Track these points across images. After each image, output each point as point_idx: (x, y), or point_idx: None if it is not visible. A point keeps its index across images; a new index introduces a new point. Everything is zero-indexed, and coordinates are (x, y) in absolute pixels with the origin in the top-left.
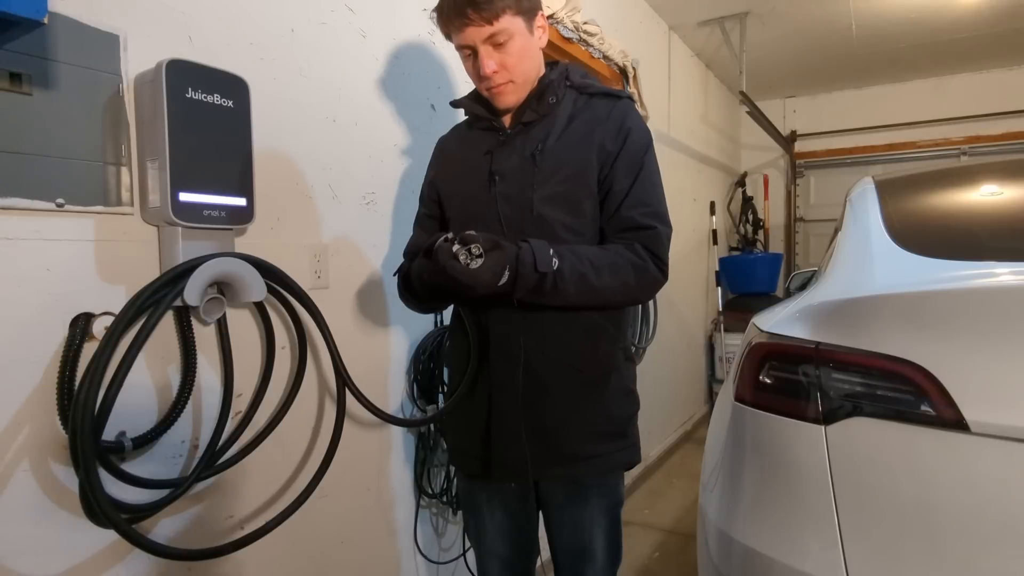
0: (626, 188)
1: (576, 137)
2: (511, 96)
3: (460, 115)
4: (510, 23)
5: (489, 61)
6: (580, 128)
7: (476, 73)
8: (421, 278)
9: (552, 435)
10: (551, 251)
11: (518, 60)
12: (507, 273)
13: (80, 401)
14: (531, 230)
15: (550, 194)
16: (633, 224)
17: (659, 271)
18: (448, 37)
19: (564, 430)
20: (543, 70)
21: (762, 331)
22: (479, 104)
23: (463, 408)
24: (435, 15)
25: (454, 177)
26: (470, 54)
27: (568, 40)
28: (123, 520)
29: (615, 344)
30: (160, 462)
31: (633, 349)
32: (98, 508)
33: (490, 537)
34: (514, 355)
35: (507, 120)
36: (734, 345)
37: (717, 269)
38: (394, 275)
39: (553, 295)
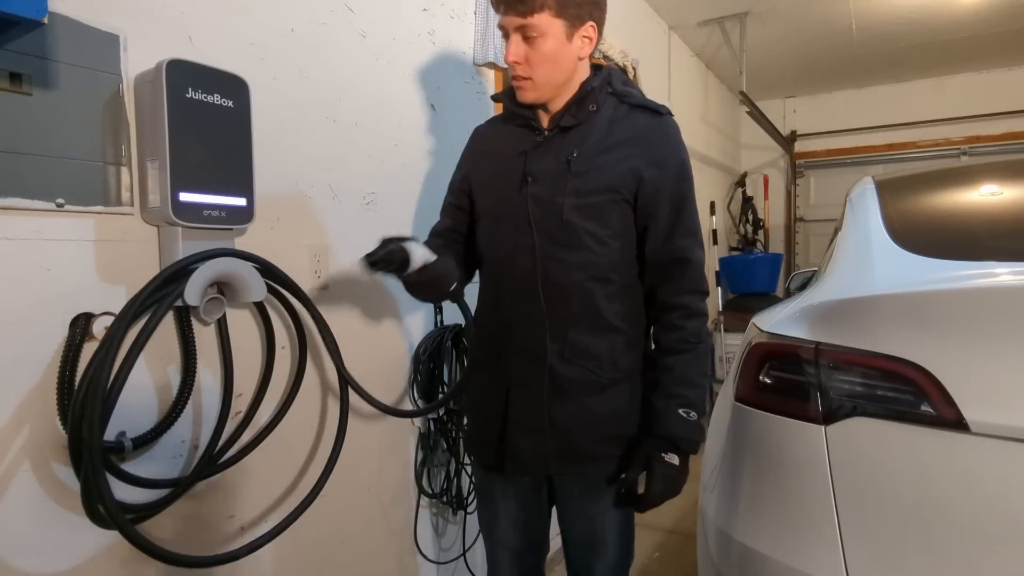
0: (670, 218)
1: (613, 147)
2: (529, 93)
3: (460, 116)
4: (545, 22)
5: (515, 51)
6: (618, 139)
7: (505, 57)
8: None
9: (566, 435)
10: (690, 415)
11: (542, 61)
12: (677, 459)
13: (80, 403)
14: (559, 235)
15: (581, 202)
16: (673, 258)
17: (702, 301)
18: (496, 10)
19: (579, 431)
20: (584, 75)
21: (762, 331)
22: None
23: (481, 399)
24: None
25: (487, 172)
26: (504, 36)
27: None
28: (132, 527)
29: (635, 349)
30: (160, 462)
31: None
32: (106, 513)
33: (502, 527)
34: (534, 354)
35: (545, 120)
36: (734, 345)
37: (717, 269)
38: None
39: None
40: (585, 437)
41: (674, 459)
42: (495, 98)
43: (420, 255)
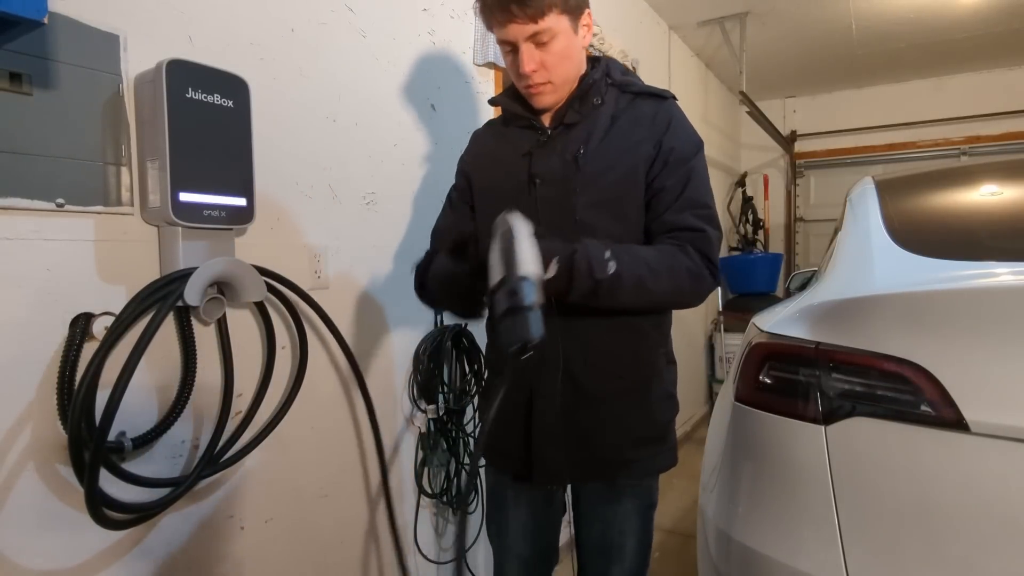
0: (677, 189)
1: (620, 139)
2: (548, 97)
3: (460, 116)
4: (555, 22)
5: (530, 59)
6: (624, 129)
7: (515, 70)
8: (440, 280)
9: (593, 441)
10: (607, 254)
11: (559, 61)
12: (554, 265)
13: (79, 403)
14: (572, 236)
15: (594, 200)
16: (685, 225)
17: (711, 276)
18: (489, 29)
19: (605, 436)
20: (584, 68)
21: (762, 331)
22: (517, 102)
23: (502, 407)
24: (477, 5)
25: (489, 174)
26: (510, 50)
27: None
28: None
29: (657, 349)
30: (160, 462)
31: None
32: (92, 512)
33: (512, 534)
34: (553, 360)
35: (546, 119)
36: (734, 345)
37: None
38: (414, 267)
39: (609, 299)
40: (612, 443)
41: (552, 270)
42: (492, 102)
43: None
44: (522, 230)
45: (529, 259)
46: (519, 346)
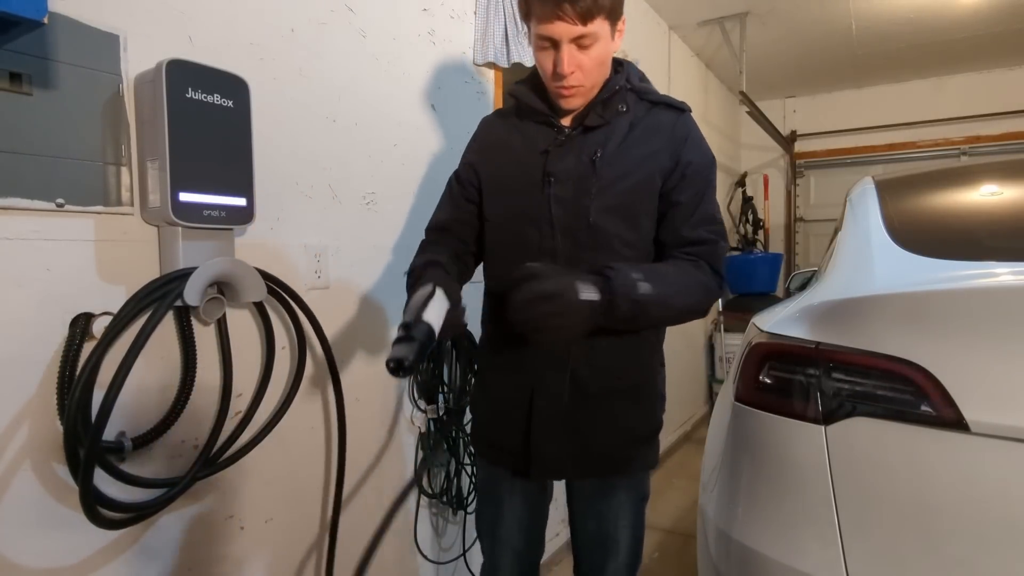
0: (694, 204)
1: (638, 146)
2: (578, 100)
3: (460, 116)
4: (599, 27)
5: (570, 61)
6: (642, 137)
7: (551, 69)
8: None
9: (592, 439)
10: (635, 275)
11: (595, 65)
12: (596, 293)
13: (75, 403)
14: (584, 238)
15: (608, 204)
16: (699, 239)
17: (719, 288)
18: (526, 20)
19: (604, 435)
20: (609, 72)
21: (762, 331)
22: (536, 95)
23: (502, 406)
24: None
25: (500, 166)
26: (549, 47)
27: None
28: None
29: (655, 352)
30: (160, 462)
31: None
32: (87, 511)
33: (507, 528)
34: (558, 360)
35: (566, 119)
36: (734, 345)
37: None
38: (406, 274)
39: (645, 318)
40: (612, 442)
41: (592, 294)
42: (511, 92)
43: (435, 317)
44: (438, 299)
45: (433, 313)
46: (395, 363)
